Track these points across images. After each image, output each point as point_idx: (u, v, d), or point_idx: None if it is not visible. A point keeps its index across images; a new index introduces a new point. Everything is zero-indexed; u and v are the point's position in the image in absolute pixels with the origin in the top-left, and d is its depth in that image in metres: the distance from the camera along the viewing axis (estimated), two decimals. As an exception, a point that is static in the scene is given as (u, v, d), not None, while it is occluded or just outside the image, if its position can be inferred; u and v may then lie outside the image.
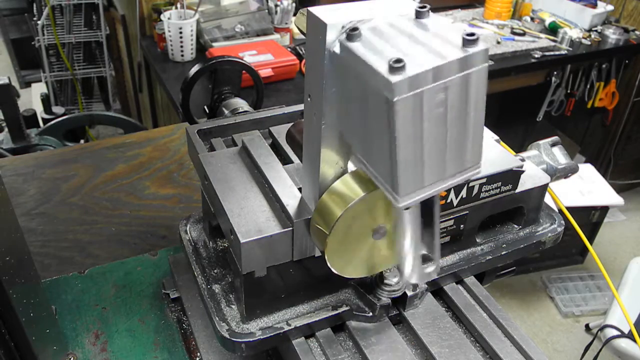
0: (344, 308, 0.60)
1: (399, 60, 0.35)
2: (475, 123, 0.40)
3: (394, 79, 0.35)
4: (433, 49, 0.37)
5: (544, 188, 0.68)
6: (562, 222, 0.71)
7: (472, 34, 0.37)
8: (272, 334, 0.56)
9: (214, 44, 2.12)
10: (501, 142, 0.68)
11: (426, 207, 0.46)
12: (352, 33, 0.40)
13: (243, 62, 0.95)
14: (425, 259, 0.50)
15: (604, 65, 2.64)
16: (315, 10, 0.43)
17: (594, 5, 2.63)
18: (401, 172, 0.39)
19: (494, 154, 0.64)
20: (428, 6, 0.41)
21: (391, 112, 0.36)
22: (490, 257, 0.66)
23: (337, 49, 0.41)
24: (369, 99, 0.39)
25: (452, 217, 0.63)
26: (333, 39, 0.42)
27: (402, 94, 0.35)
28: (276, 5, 2.24)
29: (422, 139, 0.38)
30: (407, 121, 0.37)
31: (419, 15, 0.41)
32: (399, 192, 0.40)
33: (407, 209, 0.44)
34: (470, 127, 0.40)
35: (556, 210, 0.73)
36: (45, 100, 2.27)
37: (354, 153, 0.47)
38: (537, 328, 2.42)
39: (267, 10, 2.25)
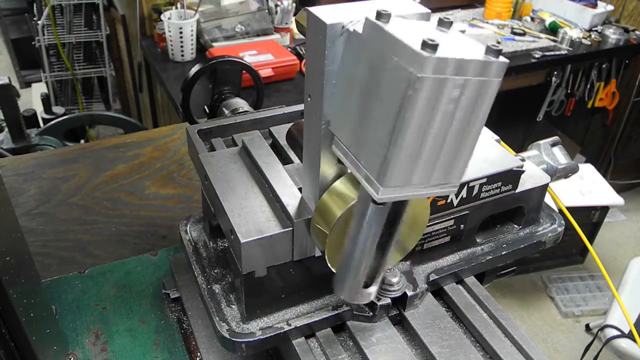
0: (344, 308, 0.60)
1: (432, 39, 0.35)
2: (472, 137, 0.40)
3: (426, 54, 0.35)
4: (460, 44, 0.38)
5: (544, 188, 0.68)
6: (562, 222, 0.71)
7: (498, 43, 0.37)
8: (272, 334, 0.56)
9: (214, 44, 2.12)
10: (501, 142, 0.68)
11: (390, 219, 0.45)
12: (382, 13, 0.39)
13: (243, 62, 0.95)
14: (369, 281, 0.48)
15: (604, 65, 2.63)
16: (316, 10, 0.43)
17: (594, 5, 2.63)
18: (395, 160, 0.38)
19: (494, 154, 0.64)
20: (451, 19, 0.41)
21: (411, 90, 0.36)
22: (491, 257, 0.66)
23: (358, 28, 0.41)
24: (385, 79, 0.38)
25: (452, 217, 0.63)
26: (350, 20, 0.42)
27: (427, 72, 0.35)
28: (276, 5, 2.24)
29: (426, 130, 0.38)
30: (422, 104, 0.36)
31: (441, 24, 0.41)
32: (384, 181, 0.39)
33: (380, 204, 0.43)
34: (468, 139, 0.40)
35: (556, 210, 0.73)
36: (45, 100, 2.27)
37: (337, 143, 0.46)
38: (537, 328, 2.42)
39: (267, 10, 2.25)
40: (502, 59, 0.38)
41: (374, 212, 0.43)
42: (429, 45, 0.35)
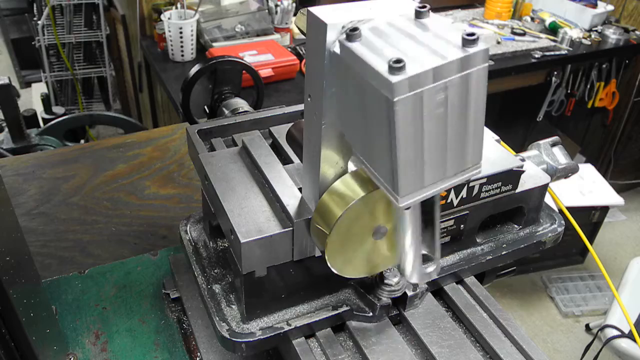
0: (344, 308, 0.60)
1: (399, 61, 0.35)
2: (475, 123, 0.40)
3: (394, 79, 0.35)
4: (433, 49, 0.37)
5: (544, 188, 0.68)
6: (562, 222, 0.71)
7: (472, 34, 0.37)
8: (272, 334, 0.56)
9: (214, 44, 2.12)
10: (501, 142, 0.68)
11: (426, 207, 0.46)
12: (351, 33, 0.40)
13: (243, 62, 0.95)
14: (426, 259, 0.50)
15: (604, 65, 2.63)
16: (315, 10, 0.43)
17: (594, 5, 2.63)
18: (401, 172, 0.39)
19: (494, 154, 0.64)
20: (428, 6, 0.41)
21: (391, 112, 0.36)
22: (491, 257, 0.66)
23: (337, 49, 0.41)
24: (369, 99, 0.39)
25: (452, 217, 0.63)
26: (333, 39, 0.42)
27: (402, 94, 0.35)
28: (276, 5, 2.24)
29: (422, 139, 0.38)
30: (408, 121, 0.37)
31: (418, 15, 0.41)
32: (400, 192, 0.40)
33: (407, 209, 0.44)
34: (471, 127, 0.40)
35: (556, 210, 0.73)
36: (45, 100, 2.27)
37: (354, 153, 0.47)
38: (537, 328, 2.42)
39: (267, 10, 2.25)
40: (481, 45, 0.37)
41: (408, 211, 0.45)
42: (396, 69, 0.35)
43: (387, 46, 0.39)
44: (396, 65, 0.35)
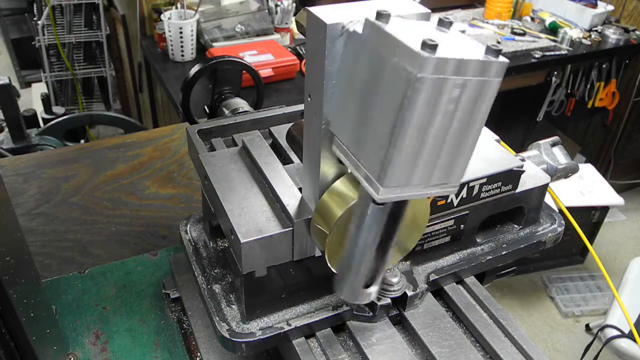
0: (344, 308, 0.60)
1: (432, 40, 0.35)
2: (472, 136, 0.40)
3: (425, 54, 0.35)
4: (460, 44, 0.38)
5: (544, 188, 0.68)
6: (562, 222, 0.71)
7: (498, 42, 0.37)
8: (272, 334, 0.56)
9: (214, 44, 2.12)
10: (501, 142, 0.68)
11: (389, 225, 0.44)
12: (382, 13, 0.39)
13: (243, 62, 0.95)
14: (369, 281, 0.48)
15: (604, 65, 2.63)
16: (316, 10, 0.43)
17: (594, 5, 2.63)
18: (395, 160, 0.38)
19: (494, 154, 0.64)
20: (451, 19, 0.41)
21: (411, 89, 0.36)
22: (491, 257, 0.66)
23: (358, 28, 0.41)
24: (385, 79, 0.38)
25: (452, 217, 0.63)
26: (350, 20, 0.42)
27: (427, 72, 0.35)
28: (276, 5, 2.24)
29: (426, 130, 0.38)
30: (421, 104, 0.36)
31: (441, 23, 0.41)
32: (384, 182, 0.39)
33: (380, 204, 0.43)
34: (469, 139, 0.40)
35: (556, 210, 0.73)
36: (45, 100, 2.27)
37: (337, 143, 0.46)
38: (537, 328, 2.42)
39: (267, 10, 2.25)
40: (502, 58, 0.38)
41: (374, 212, 0.43)
42: (429, 46, 0.35)
43: (418, 31, 0.39)
44: (430, 43, 0.35)
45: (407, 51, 0.36)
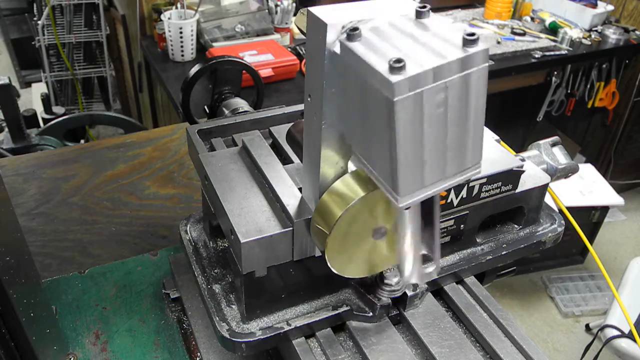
0: (344, 308, 0.60)
1: (399, 60, 0.35)
2: (475, 123, 0.40)
3: (394, 78, 0.35)
4: (433, 49, 0.37)
5: (544, 188, 0.68)
6: (562, 222, 0.71)
7: (473, 34, 0.37)
8: (272, 334, 0.56)
9: (214, 44, 2.12)
10: (501, 142, 0.68)
11: (426, 207, 0.46)
12: (352, 33, 0.40)
13: (243, 62, 0.95)
14: (426, 259, 0.50)
15: (604, 65, 2.63)
16: (316, 10, 0.43)
17: (594, 5, 2.63)
18: (401, 172, 0.39)
19: (494, 154, 0.64)
20: (428, 6, 0.41)
21: (391, 112, 0.36)
22: (491, 257, 0.66)
23: (337, 49, 0.41)
24: (369, 99, 0.39)
25: (452, 217, 0.63)
26: (333, 39, 0.42)
27: (402, 94, 0.35)
28: (276, 5, 2.24)
29: (422, 139, 0.38)
30: (408, 121, 0.37)
31: (419, 15, 0.41)
32: (399, 192, 0.40)
33: (407, 208, 0.44)
34: (471, 127, 0.40)
35: (556, 210, 0.73)
36: (45, 100, 2.27)
37: (354, 153, 0.47)
38: (537, 328, 2.42)
39: (267, 10, 2.25)
40: (481, 45, 0.37)
41: (408, 212, 0.44)
42: (396, 69, 0.34)
43: (388, 46, 0.39)
44: (396, 65, 0.35)
45: (378, 76, 0.36)
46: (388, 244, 0.53)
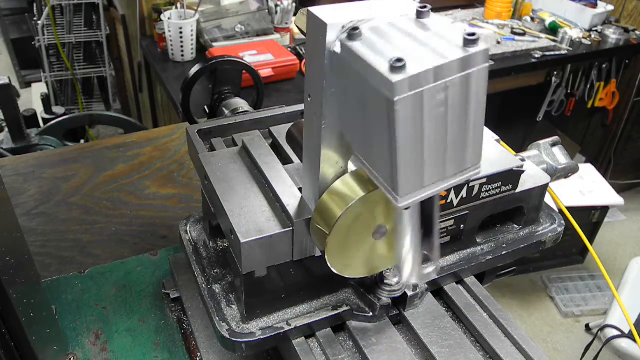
0: (344, 308, 0.60)
1: (399, 60, 0.35)
2: (475, 123, 0.40)
3: (395, 78, 0.35)
4: (434, 49, 0.37)
5: (544, 188, 0.68)
6: (562, 222, 0.71)
7: (473, 34, 0.37)
8: (272, 334, 0.56)
9: (214, 44, 2.12)
10: (501, 142, 0.68)
11: (426, 207, 0.46)
12: (352, 32, 0.39)
13: (243, 62, 0.95)
14: (425, 259, 0.50)
15: (604, 65, 2.63)
16: (316, 10, 0.43)
17: (594, 5, 2.63)
18: (401, 172, 0.39)
19: (494, 154, 0.64)
20: (429, 6, 0.41)
21: (392, 112, 0.36)
22: (491, 257, 0.66)
23: (337, 49, 0.41)
24: (370, 99, 0.39)
25: (452, 217, 0.63)
26: (333, 38, 0.42)
27: (402, 93, 0.35)
28: (276, 5, 2.24)
29: (422, 139, 0.38)
30: (408, 121, 0.37)
31: (419, 15, 0.41)
32: (399, 192, 0.40)
33: (407, 208, 0.44)
34: (471, 127, 0.40)
35: (556, 210, 0.73)
36: (45, 100, 2.27)
37: (354, 153, 0.47)
38: (537, 328, 2.42)
39: (267, 10, 2.25)
40: (481, 45, 0.37)
41: (407, 211, 0.45)
42: (397, 68, 0.34)
43: (388, 46, 0.39)
44: (397, 65, 0.35)
45: (378, 76, 0.36)
46: (388, 244, 0.53)
